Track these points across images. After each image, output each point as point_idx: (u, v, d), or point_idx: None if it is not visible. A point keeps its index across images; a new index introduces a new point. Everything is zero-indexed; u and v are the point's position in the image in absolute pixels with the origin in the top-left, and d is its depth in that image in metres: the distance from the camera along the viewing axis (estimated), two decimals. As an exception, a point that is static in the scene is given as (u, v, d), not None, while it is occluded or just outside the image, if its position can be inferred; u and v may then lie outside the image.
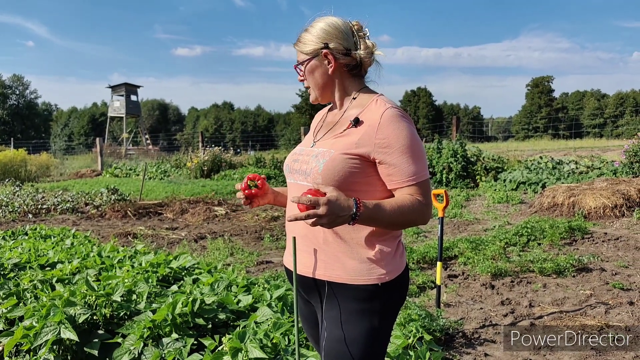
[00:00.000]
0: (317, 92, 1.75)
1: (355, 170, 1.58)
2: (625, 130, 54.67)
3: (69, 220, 9.37)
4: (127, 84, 47.16)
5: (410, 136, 1.57)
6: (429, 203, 1.60)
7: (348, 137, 1.62)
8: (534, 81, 74.66)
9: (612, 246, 6.21)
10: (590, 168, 12.21)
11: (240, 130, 78.25)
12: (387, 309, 1.64)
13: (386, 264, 1.62)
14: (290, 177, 1.77)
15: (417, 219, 1.58)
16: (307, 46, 1.71)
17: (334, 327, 1.61)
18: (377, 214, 1.49)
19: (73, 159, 28.19)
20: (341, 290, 1.61)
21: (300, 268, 1.70)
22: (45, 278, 3.51)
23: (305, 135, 1.95)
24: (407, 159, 1.56)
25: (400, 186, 1.58)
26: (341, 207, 1.42)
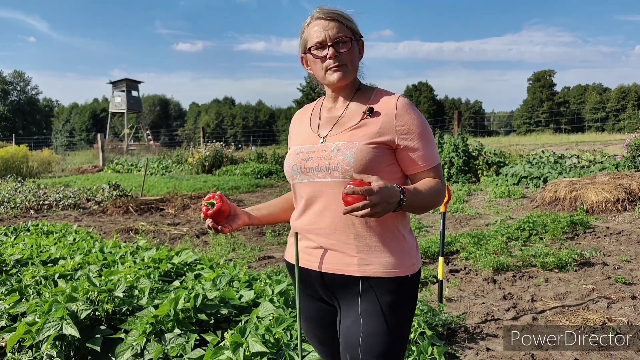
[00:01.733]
0: (352, 74, 1.69)
1: (380, 159, 1.60)
2: (627, 124, 54.55)
3: (71, 216, 9.38)
4: (128, 80, 47.11)
5: (424, 123, 1.64)
6: (444, 183, 1.68)
7: (367, 128, 1.62)
8: (536, 75, 74.48)
9: (614, 240, 6.21)
10: (592, 162, 12.19)
11: (241, 125, 78.22)
12: (415, 298, 1.68)
13: (413, 254, 1.65)
14: (301, 177, 1.70)
15: (438, 200, 1.65)
16: (353, 25, 1.69)
17: (372, 321, 1.59)
18: (418, 197, 1.53)
19: (74, 155, 28.22)
20: (376, 284, 1.59)
21: (326, 266, 1.65)
22: (48, 274, 3.51)
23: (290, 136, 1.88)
24: (425, 143, 1.62)
25: (421, 170, 1.63)
26: (390, 194, 1.43)
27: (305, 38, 1.71)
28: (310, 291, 1.74)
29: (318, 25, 1.66)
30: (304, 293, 1.77)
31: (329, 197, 1.60)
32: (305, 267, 1.71)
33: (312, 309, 1.77)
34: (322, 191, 1.64)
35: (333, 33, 1.64)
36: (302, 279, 1.73)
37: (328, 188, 1.62)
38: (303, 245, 1.72)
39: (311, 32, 1.67)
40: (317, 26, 1.66)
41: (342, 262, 1.62)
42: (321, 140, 1.69)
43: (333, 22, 1.65)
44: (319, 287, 1.70)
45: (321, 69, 1.68)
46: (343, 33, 1.64)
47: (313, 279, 1.70)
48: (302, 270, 1.72)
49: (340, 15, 1.66)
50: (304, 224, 1.71)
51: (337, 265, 1.63)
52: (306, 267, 1.70)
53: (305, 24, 1.72)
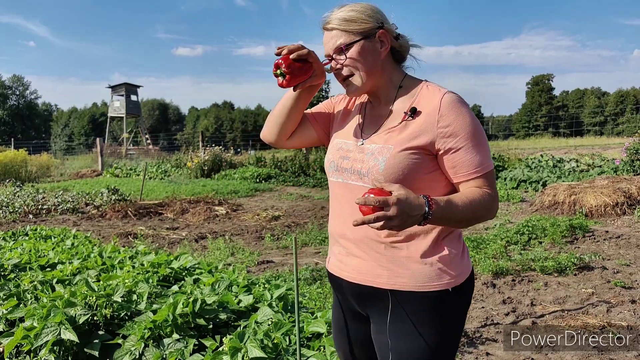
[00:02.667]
0: (365, 80, 1.51)
1: (418, 166, 1.43)
2: (625, 128, 54.66)
3: (70, 220, 9.37)
4: (127, 84, 47.19)
5: (474, 122, 1.42)
6: (496, 195, 1.47)
7: (406, 130, 1.46)
8: (534, 79, 74.60)
9: (613, 244, 6.20)
10: (591, 166, 12.21)
11: (240, 129, 78.21)
12: (458, 315, 1.51)
13: (456, 265, 1.47)
14: (337, 176, 1.58)
15: (486, 214, 1.44)
16: (358, 25, 1.49)
17: (402, 342, 1.45)
18: (450, 211, 1.34)
19: (73, 159, 28.21)
20: (408, 299, 1.45)
21: (355, 276, 1.54)
22: (46, 279, 3.50)
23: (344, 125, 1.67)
24: (472, 147, 1.41)
25: (466, 178, 1.44)
26: (412, 206, 1.26)
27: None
28: (345, 301, 1.65)
29: (324, 38, 1.56)
30: (342, 303, 1.67)
31: None
32: (337, 275, 1.62)
33: (345, 321, 1.68)
34: (353, 195, 1.47)
35: (330, 45, 1.53)
36: (336, 287, 1.65)
37: (359, 193, 1.41)
38: (335, 251, 1.63)
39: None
40: (324, 39, 1.56)
41: (372, 273, 1.50)
42: (361, 141, 1.55)
43: (330, 32, 1.53)
44: (351, 297, 1.59)
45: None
46: (341, 41, 1.50)
47: (345, 288, 1.60)
48: (335, 278, 1.63)
49: (337, 22, 1.50)
50: (336, 228, 1.63)
51: (367, 275, 1.51)
52: (338, 275, 1.61)
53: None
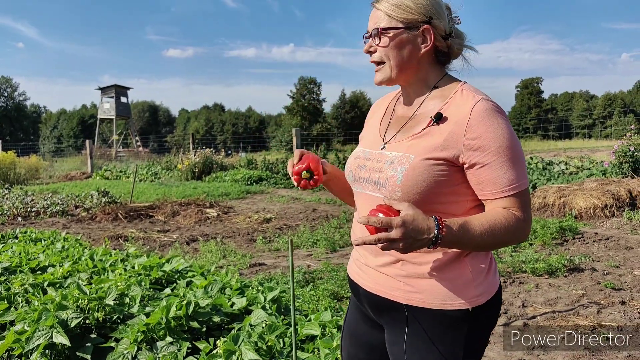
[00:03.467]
0: (395, 72, 1.40)
1: (441, 179, 1.30)
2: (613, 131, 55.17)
3: (59, 223, 9.29)
4: (117, 86, 46.91)
5: (508, 135, 1.28)
6: (528, 218, 1.31)
7: (429, 138, 1.33)
8: (524, 82, 75.16)
9: (602, 246, 6.26)
10: (580, 169, 12.32)
11: (231, 132, 78.07)
12: (478, 337, 1.39)
13: (479, 283, 1.35)
14: (357, 186, 1.49)
15: (511, 239, 1.29)
16: (404, 12, 1.36)
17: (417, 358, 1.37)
18: (463, 236, 1.22)
19: (62, 162, 27.97)
20: (424, 316, 1.35)
21: (372, 285, 1.47)
22: (37, 282, 3.47)
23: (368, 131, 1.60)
24: (503, 163, 1.27)
25: (493, 197, 1.30)
26: (419, 230, 1.16)
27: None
28: (361, 307, 1.59)
29: (371, 14, 1.44)
30: (356, 306, 1.62)
31: None
32: (355, 281, 1.56)
33: (359, 325, 1.62)
34: (370, 206, 1.35)
35: (371, 25, 1.41)
36: (354, 293, 1.59)
37: (376, 204, 1.33)
38: (356, 257, 1.57)
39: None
40: (370, 15, 1.44)
41: (388, 285, 1.41)
42: (381, 145, 1.45)
43: (375, 11, 1.41)
44: (368, 306, 1.53)
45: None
46: (382, 24, 1.38)
47: (362, 296, 1.53)
48: (354, 284, 1.57)
49: (387, 3, 1.38)
50: (355, 236, 1.53)
51: (383, 287, 1.43)
52: (356, 281, 1.55)
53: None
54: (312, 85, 67.51)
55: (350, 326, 1.66)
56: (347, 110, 69.07)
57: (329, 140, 41.89)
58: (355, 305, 1.63)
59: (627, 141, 10.45)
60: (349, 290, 4.52)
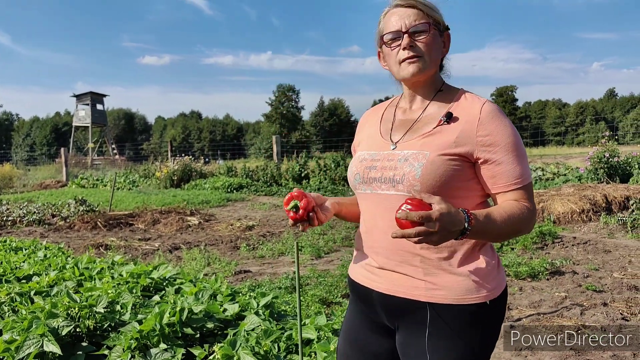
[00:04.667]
0: (428, 65, 1.47)
1: (456, 174, 1.38)
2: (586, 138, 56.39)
3: (36, 232, 9.11)
4: (93, 93, 46.23)
5: (514, 133, 1.40)
6: (534, 208, 1.42)
7: (442, 135, 1.41)
8: (499, 91, 76.50)
9: (581, 250, 6.40)
10: (557, 175, 12.57)
11: (208, 139, 77.59)
12: (495, 328, 1.46)
13: (494, 277, 1.43)
14: (365, 188, 1.51)
15: (524, 228, 1.40)
16: (437, 15, 1.49)
17: (441, 355, 1.39)
18: (488, 226, 1.30)
19: (36, 170, 27.43)
20: (446, 313, 1.39)
21: (389, 287, 1.47)
22: (23, 291, 3.41)
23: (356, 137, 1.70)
24: (513, 158, 1.38)
25: (505, 190, 1.40)
26: (453, 222, 1.22)
27: (381, 29, 1.53)
28: (371, 313, 1.57)
29: (396, 14, 1.48)
30: (364, 315, 1.59)
31: (393, 213, 1.28)
32: (366, 285, 1.54)
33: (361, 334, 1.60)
34: (385, 206, 1.43)
35: (410, 21, 1.45)
36: (363, 298, 1.57)
37: (391, 202, 1.39)
38: (365, 262, 1.56)
39: (388, 22, 1.50)
40: (395, 15, 1.48)
41: (408, 285, 1.43)
42: (392, 146, 1.49)
43: (412, 9, 1.47)
44: (381, 310, 1.51)
45: (395, 62, 1.49)
46: (422, 20, 1.45)
47: (375, 299, 1.52)
48: (363, 288, 1.55)
49: (420, 2, 1.47)
50: (365, 240, 1.56)
51: (402, 287, 1.44)
52: (367, 286, 1.54)
53: (382, 15, 1.54)
54: (291, 92, 67.69)
55: (351, 334, 1.63)
56: (325, 118, 69.36)
57: (307, 148, 41.93)
58: (359, 312, 1.61)
59: (602, 147, 10.71)
60: (337, 296, 4.54)
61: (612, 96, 77.81)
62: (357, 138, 1.70)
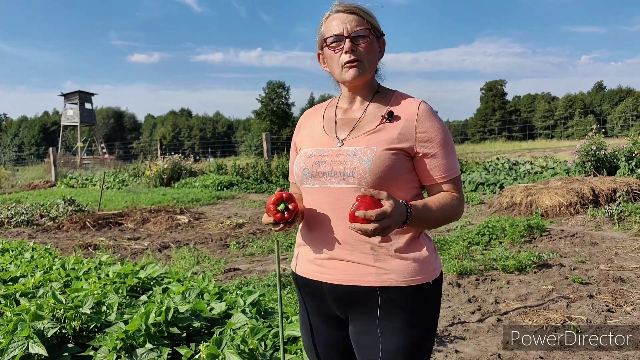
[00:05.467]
0: (367, 70, 1.57)
1: (399, 166, 1.51)
2: (575, 131, 56.91)
3: (25, 233, 9.04)
4: (81, 92, 45.88)
5: (446, 131, 1.55)
6: (463, 198, 1.60)
7: (385, 132, 1.53)
8: (488, 85, 76.76)
9: (569, 242, 6.45)
10: (545, 168, 12.66)
11: (199, 137, 77.29)
12: (437, 305, 1.60)
13: (433, 259, 1.57)
14: (313, 182, 1.58)
15: (454, 215, 1.57)
16: (375, 22, 1.59)
17: (393, 338, 1.49)
18: (425, 214, 1.46)
19: (24, 170, 27.19)
20: (396, 295, 1.50)
21: (341, 277, 1.54)
22: (8, 292, 3.39)
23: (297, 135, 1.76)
24: (445, 153, 1.53)
25: (438, 181, 1.55)
26: (400, 214, 1.36)
27: (322, 32, 1.61)
28: (321, 306, 1.63)
29: (337, 19, 1.57)
30: (314, 309, 1.66)
31: (343, 205, 1.43)
32: (315, 279, 1.60)
33: (321, 328, 1.66)
34: (334, 198, 1.52)
35: (352, 26, 1.55)
36: (312, 293, 1.63)
37: (341, 195, 1.51)
38: (312, 256, 1.61)
39: (329, 26, 1.58)
40: (336, 20, 1.57)
41: (359, 273, 1.51)
42: (339, 143, 1.58)
43: (353, 15, 1.56)
44: (332, 302, 1.58)
45: (338, 65, 1.57)
46: (362, 26, 1.55)
47: (325, 292, 1.58)
48: (313, 283, 1.60)
49: (360, 9, 1.57)
50: (312, 233, 1.61)
51: (353, 276, 1.52)
52: (316, 279, 1.59)
53: (323, 19, 1.62)
54: (281, 89, 67.47)
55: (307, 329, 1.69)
56: (315, 114, 69.16)
57: (298, 145, 41.77)
58: (309, 307, 1.67)
59: (589, 141, 10.79)
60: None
61: (601, 89, 78.32)
62: (298, 137, 1.76)
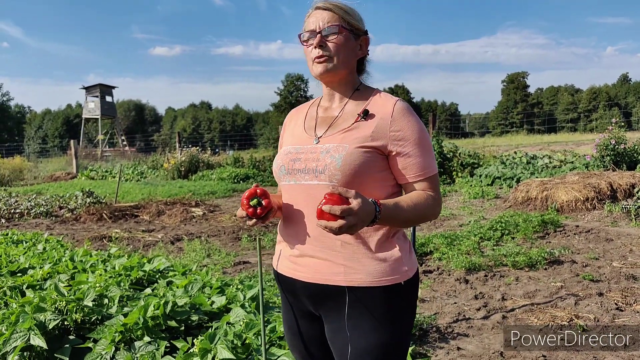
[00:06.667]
0: (340, 68, 1.58)
1: (372, 164, 1.50)
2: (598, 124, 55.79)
3: (43, 224, 9.22)
4: (102, 85, 46.49)
5: (422, 129, 1.54)
6: (439, 197, 1.58)
7: (359, 130, 1.53)
8: (510, 77, 75.74)
9: (583, 238, 6.35)
10: (563, 162, 12.45)
11: (218, 130, 77.79)
12: (411, 306, 1.58)
13: (406, 259, 1.55)
14: (289, 179, 1.60)
15: (429, 215, 1.55)
16: (353, 20, 1.59)
17: (361, 338, 1.49)
18: (395, 213, 1.44)
19: (47, 162, 27.69)
20: (365, 295, 1.49)
21: (312, 275, 1.55)
22: (16, 284, 3.46)
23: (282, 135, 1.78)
24: (420, 152, 1.52)
25: (413, 180, 1.54)
26: (367, 212, 1.35)
27: (302, 29, 1.64)
28: (297, 303, 1.65)
29: (314, 15, 1.60)
30: (290, 305, 1.69)
31: (316, 201, 1.39)
32: (290, 276, 1.62)
33: (297, 323, 1.68)
34: (307, 194, 1.54)
35: (324, 22, 1.57)
36: (289, 289, 1.65)
37: (314, 191, 1.51)
38: (288, 253, 1.63)
39: (307, 22, 1.62)
40: (313, 17, 1.60)
41: (329, 271, 1.52)
42: (315, 140, 1.60)
43: (328, 12, 1.58)
44: (305, 299, 1.60)
45: (309, 59, 1.61)
46: (335, 23, 1.56)
47: (298, 289, 1.60)
48: (288, 280, 1.63)
49: (336, 6, 1.58)
50: (288, 229, 1.63)
51: (323, 274, 1.53)
52: (291, 276, 1.61)
53: (306, 16, 1.65)
54: (299, 82, 67.46)
55: (287, 322, 1.72)
56: (334, 107, 69.11)
57: (316, 137, 41.79)
58: (287, 303, 1.69)
59: (608, 134, 10.58)
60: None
61: (626, 81, 76.62)
62: (283, 136, 1.79)
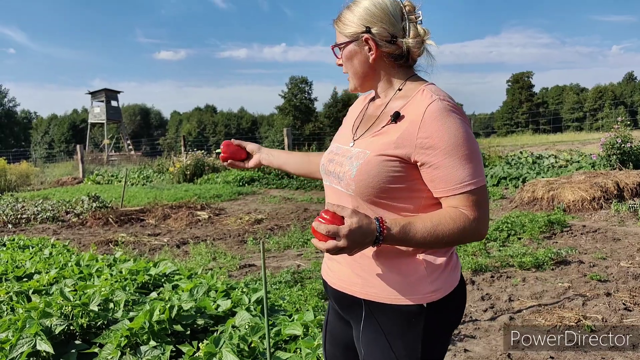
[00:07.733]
0: (356, 82, 1.50)
1: (395, 175, 1.33)
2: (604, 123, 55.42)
3: (50, 229, 9.25)
4: (107, 90, 46.72)
5: (459, 134, 1.28)
6: (480, 217, 1.31)
7: (386, 136, 1.36)
8: (515, 77, 75.44)
9: (590, 238, 6.31)
10: (569, 162, 12.39)
11: (223, 133, 77.90)
12: (435, 336, 1.38)
13: (434, 279, 1.36)
14: (325, 178, 1.56)
15: (462, 238, 1.30)
16: (347, 27, 1.45)
17: (373, 352, 1.39)
18: (404, 237, 1.26)
19: (54, 167, 27.84)
20: (380, 311, 1.38)
21: (336, 282, 1.52)
22: (22, 289, 3.47)
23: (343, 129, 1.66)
24: (454, 161, 1.28)
25: (445, 195, 1.31)
26: (363, 233, 1.22)
27: None
28: (332, 304, 1.64)
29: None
30: (331, 305, 1.67)
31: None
32: (324, 278, 1.61)
33: (335, 325, 1.66)
34: (336, 198, 1.47)
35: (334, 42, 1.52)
36: (326, 290, 1.62)
37: (340, 197, 1.44)
38: (325, 255, 1.60)
39: None
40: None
41: (348, 280, 1.46)
42: (351, 142, 1.49)
43: (336, 29, 1.51)
44: (335, 303, 1.57)
45: None
46: (338, 41, 1.50)
47: (329, 292, 1.58)
48: (324, 281, 1.62)
49: (337, 21, 1.49)
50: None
51: (345, 282, 1.47)
52: (325, 278, 1.60)
53: None
54: (304, 84, 67.51)
55: (329, 325, 1.69)
56: (339, 109, 69.04)
57: (321, 139, 41.85)
58: (330, 305, 1.68)
59: (614, 133, 10.52)
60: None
61: (631, 80, 76.23)
62: (341, 126, 1.69)
